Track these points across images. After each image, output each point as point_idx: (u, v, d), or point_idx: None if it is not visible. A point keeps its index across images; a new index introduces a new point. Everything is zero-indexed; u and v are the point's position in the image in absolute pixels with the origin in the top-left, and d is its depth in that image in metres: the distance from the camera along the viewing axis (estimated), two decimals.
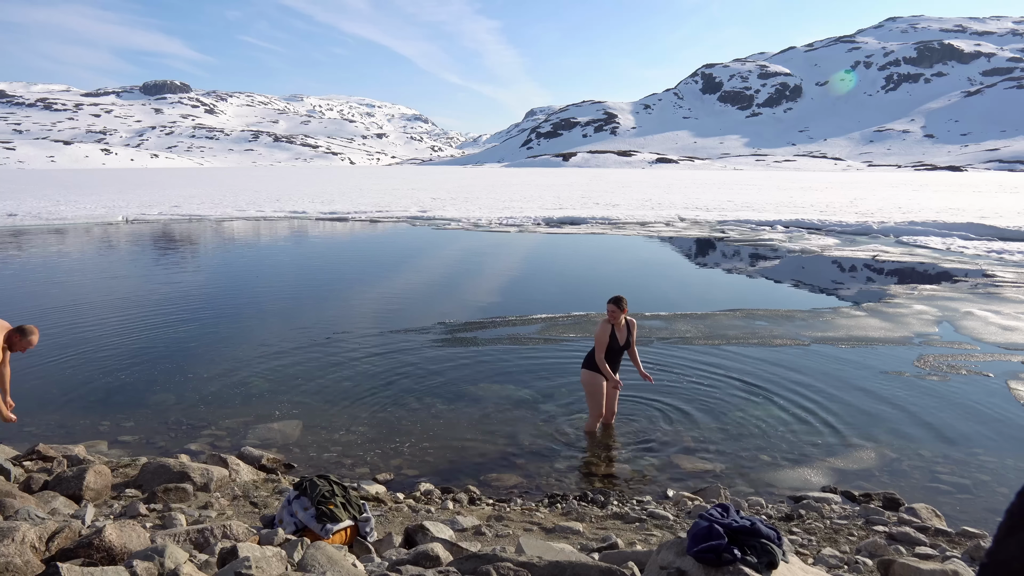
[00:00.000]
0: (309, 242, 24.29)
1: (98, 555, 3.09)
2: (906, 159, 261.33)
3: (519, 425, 6.80)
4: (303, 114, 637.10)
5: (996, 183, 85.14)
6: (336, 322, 11.15)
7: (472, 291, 14.43)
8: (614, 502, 5.20)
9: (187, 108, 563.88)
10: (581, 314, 11.54)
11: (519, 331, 10.46)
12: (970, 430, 6.62)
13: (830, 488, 5.46)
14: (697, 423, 6.83)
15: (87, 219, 29.88)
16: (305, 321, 11.23)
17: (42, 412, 7.09)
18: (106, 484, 5.05)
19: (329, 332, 10.42)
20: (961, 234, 24.60)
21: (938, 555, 4.11)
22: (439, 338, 10.13)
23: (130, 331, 10.53)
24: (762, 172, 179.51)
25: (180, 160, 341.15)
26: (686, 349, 9.50)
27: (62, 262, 18.12)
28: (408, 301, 13.16)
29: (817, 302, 13.37)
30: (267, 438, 6.49)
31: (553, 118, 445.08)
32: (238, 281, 15.75)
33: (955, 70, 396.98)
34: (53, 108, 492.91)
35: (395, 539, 4.07)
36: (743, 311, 11.97)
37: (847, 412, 7.11)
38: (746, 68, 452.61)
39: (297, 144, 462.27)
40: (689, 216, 32.47)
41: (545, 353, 9.30)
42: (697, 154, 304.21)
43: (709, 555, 2.76)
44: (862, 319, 11.39)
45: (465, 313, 11.84)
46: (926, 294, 13.59)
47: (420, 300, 13.32)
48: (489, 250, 21.86)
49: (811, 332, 10.45)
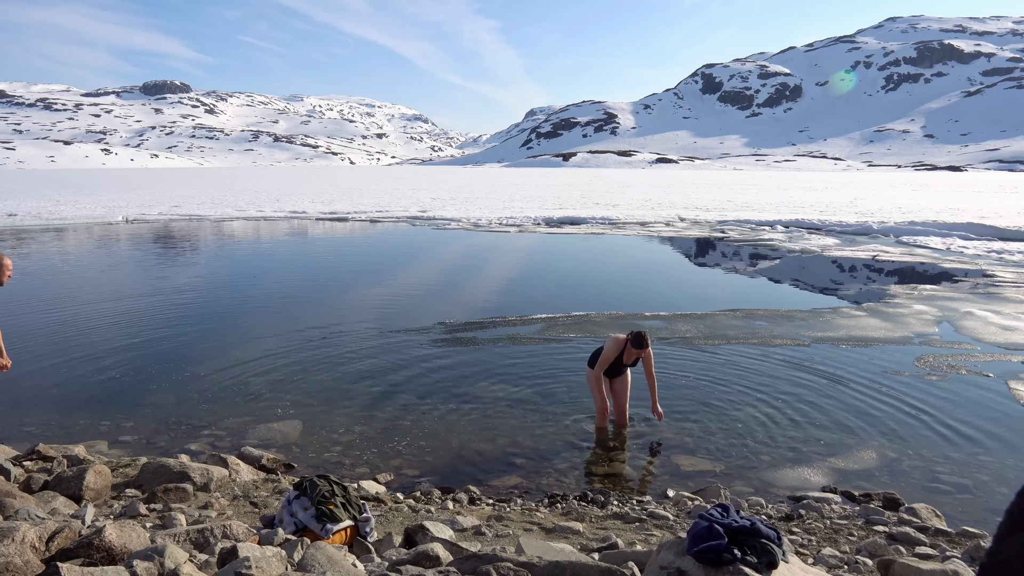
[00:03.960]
0: (309, 242, 24.29)
1: (98, 555, 3.09)
2: (906, 159, 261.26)
3: (519, 425, 6.80)
4: (303, 114, 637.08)
5: (996, 183, 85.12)
6: (336, 322, 11.15)
7: (472, 291, 14.43)
8: (614, 502, 5.20)
9: (187, 108, 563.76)
10: (581, 314, 11.54)
11: (519, 331, 10.46)
12: (970, 430, 6.62)
13: (830, 488, 5.46)
14: (697, 423, 6.83)
15: (87, 219, 29.88)
16: (305, 321, 11.23)
17: (42, 412, 7.08)
18: (106, 484, 5.05)
19: (329, 332, 10.42)
20: (961, 234, 24.59)
21: (938, 555, 4.11)
22: (439, 338, 10.13)
23: (130, 331, 10.53)
24: (762, 172, 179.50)
25: (180, 160, 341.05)
26: (686, 349, 9.50)
27: (62, 262, 18.12)
28: (408, 301, 13.16)
29: (817, 302, 13.37)
30: (267, 438, 6.49)
31: (553, 118, 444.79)
32: (238, 281, 15.75)
33: (955, 70, 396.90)
34: (53, 108, 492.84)
35: (395, 539, 4.07)
36: (743, 311, 11.97)
37: (847, 412, 7.11)
38: (746, 68, 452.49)
39: (297, 144, 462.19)
40: (689, 216, 32.46)
41: (545, 353, 9.30)
42: (697, 154, 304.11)
43: (709, 555, 2.76)
44: (862, 319, 11.39)
45: (465, 313, 11.84)
46: (926, 294, 13.59)
47: (420, 300, 13.32)
48: (489, 250, 21.87)
49: (811, 332, 10.45)
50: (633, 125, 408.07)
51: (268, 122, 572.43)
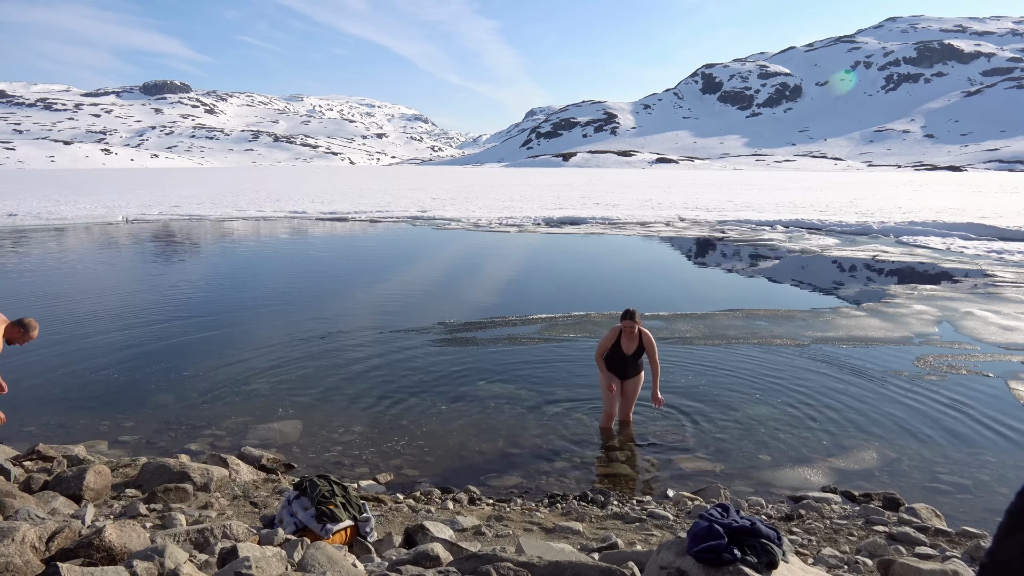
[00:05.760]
0: (309, 242, 24.29)
1: (98, 555, 3.09)
2: (906, 159, 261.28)
3: (519, 425, 6.80)
4: (303, 114, 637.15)
5: (996, 183, 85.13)
6: (336, 322, 11.15)
7: (472, 291, 14.43)
8: (614, 502, 5.20)
9: (187, 108, 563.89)
10: (581, 314, 11.54)
11: (519, 331, 10.46)
12: (970, 430, 6.62)
13: (830, 488, 5.46)
14: (697, 423, 6.83)
15: (87, 219, 29.88)
16: (305, 321, 11.23)
17: (42, 412, 7.08)
18: (106, 484, 5.05)
19: (329, 332, 10.41)
20: (961, 234, 24.59)
21: (938, 555, 4.11)
22: (439, 338, 10.13)
23: (130, 331, 10.53)
24: (762, 172, 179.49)
25: (180, 160, 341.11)
26: (686, 349, 9.50)
27: (62, 262, 18.12)
28: (408, 301, 13.16)
29: (817, 302, 13.37)
30: (267, 438, 6.49)
31: (553, 118, 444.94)
32: (238, 281, 15.75)
33: (955, 70, 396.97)
34: (53, 108, 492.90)
35: (395, 539, 4.07)
36: (743, 311, 11.97)
37: (847, 412, 7.11)
38: (746, 68, 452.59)
39: (297, 144, 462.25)
40: (689, 216, 32.46)
41: (545, 353, 9.30)
42: (697, 154, 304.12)
43: (709, 555, 2.76)
44: (862, 319, 11.39)
45: (465, 313, 11.84)
46: (926, 294, 13.59)
47: (420, 300, 13.32)
48: (489, 250, 21.86)
49: (811, 332, 10.45)
50: (633, 125, 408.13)
51: (268, 122, 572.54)
